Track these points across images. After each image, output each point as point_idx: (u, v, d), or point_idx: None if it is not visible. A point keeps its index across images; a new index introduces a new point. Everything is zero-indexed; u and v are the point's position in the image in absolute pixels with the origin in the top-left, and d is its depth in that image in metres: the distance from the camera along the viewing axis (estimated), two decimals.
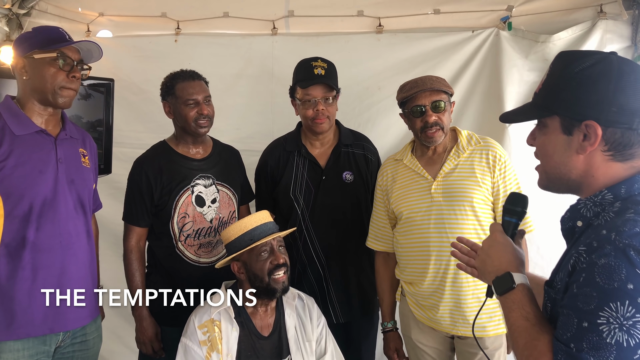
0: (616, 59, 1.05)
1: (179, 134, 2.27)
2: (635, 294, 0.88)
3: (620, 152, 1.04)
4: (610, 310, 0.89)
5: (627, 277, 0.89)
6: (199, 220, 2.23)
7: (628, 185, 1.02)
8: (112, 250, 2.52)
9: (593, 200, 1.05)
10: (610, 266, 0.91)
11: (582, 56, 1.08)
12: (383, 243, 2.26)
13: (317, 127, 2.29)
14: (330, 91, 2.27)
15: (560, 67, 1.10)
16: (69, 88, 1.84)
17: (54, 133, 1.89)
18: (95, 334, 2.02)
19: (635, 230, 0.92)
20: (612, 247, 0.92)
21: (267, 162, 2.41)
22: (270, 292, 1.91)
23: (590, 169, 1.07)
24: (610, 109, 1.02)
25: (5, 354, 1.74)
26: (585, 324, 0.92)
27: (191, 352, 1.84)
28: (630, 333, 0.88)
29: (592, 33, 2.73)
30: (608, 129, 1.03)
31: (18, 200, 1.76)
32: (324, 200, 2.33)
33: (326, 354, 2.02)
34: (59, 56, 1.80)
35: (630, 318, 0.88)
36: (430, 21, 3.01)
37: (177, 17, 3.08)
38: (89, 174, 2.00)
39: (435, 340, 2.13)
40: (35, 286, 1.78)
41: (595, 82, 1.03)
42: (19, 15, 3.02)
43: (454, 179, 2.05)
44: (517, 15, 2.88)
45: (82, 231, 1.93)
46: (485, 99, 2.91)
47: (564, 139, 1.08)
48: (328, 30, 3.06)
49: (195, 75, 2.23)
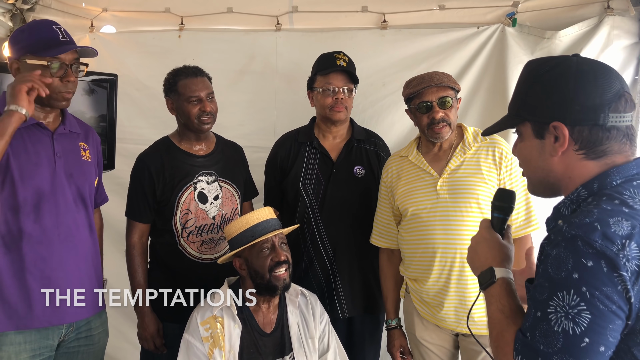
0: (575, 60, 1.08)
1: (182, 131, 2.26)
2: (579, 283, 0.91)
3: (591, 149, 1.05)
4: (558, 300, 0.93)
5: (573, 267, 0.92)
6: (202, 217, 2.22)
7: (600, 180, 1.04)
8: (115, 246, 2.52)
9: (570, 198, 1.08)
10: (559, 257, 0.95)
11: (544, 61, 1.12)
12: (387, 240, 2.25)
13: (334, 115, 2.29)
14: (351, 82, 2.29)
15: (525, 74, 1.14)
16: (66, 92, 1.82)
17: (52, 127, 1.88)
18: (101, 329, 2.01)
19: (584, 220, 0.95)
20: (562, 237, 0.96)
21: (277, 153, 2.42)
22: (271, 289, 1.90)
23: (566, 170, 1.08)
24: (574, 108, 1.04)
25: (6, 347, 1.74)
26: (538, 314, 0.96)
27: (193, 348, 1.84)
28: (576, 321, 0.91)
29: (598, 29, 2.70)
30: (575, 128, 1.05)
31: (12, 192, 1.75)
32: (333, 193, 2.32)
33: (329, 351, 2.01)
34: (51, 64, 1.77)
35: (575, 307, 0.91)
36: (435, 17, 2.99)
37: (181, 13, 3.07)
38: (89, 168, 1.99)
39: (440, 338, 2.12)
40: (33, 278, 1.77)
41: (556, 84, 1.06)
42: (23, 10, 3.01)
43: (459, 176, 2.03)
44: (522, 12, 2.85)
45: (84, 224, 1.93)
46: (491, 95, 2.89)
47: (537, 143, 1.11)
48: (332, 26, 3.05)
49: (198, 71, 2.22)
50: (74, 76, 1.83)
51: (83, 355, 1.95)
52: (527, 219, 2.03)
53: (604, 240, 0.91)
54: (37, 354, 1.80)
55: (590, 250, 0.91)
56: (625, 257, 0.90)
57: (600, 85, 1.03)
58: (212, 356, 1.82)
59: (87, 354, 1.96)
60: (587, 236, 0.92)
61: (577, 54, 1.11)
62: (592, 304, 0.90)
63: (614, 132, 1.04)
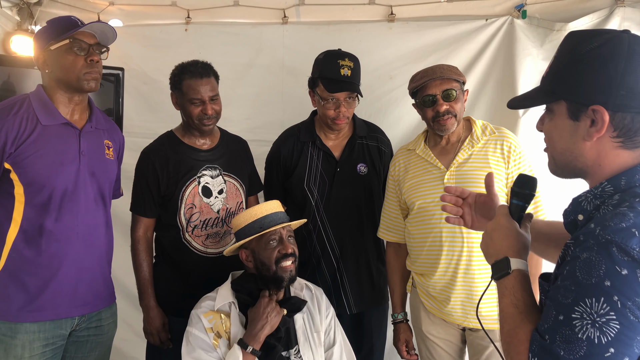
0: (628, 38, 0.98)
1: (186, 125, 2.26)
2: (612, 291, 0.86)
3: (630, 138, 0.98)
4: (585, 306, 0.88)
5: (605, 274, 0.86)
6: (206, 211, 2.22)
7: (629, 176, 0.98)
8: (123, 239, 2.52)
9: (593, 193, 1.01)
10: (591, 261, 0.89)
11: (591, 36, 1.01)
12: (394, 234, 2.24)
13: (336, 126, 2.27)
14: (354, 92, 2.24)
15: (568, 48, 1.04)
16: (92, 72, 1.84)
17: (80, 125, 1.91)
18: (111, 319, 2.05)
19: (620, 225, 0.88)
20: (595, 241, 0.89)
21: (280, 151, 2.39)
22: (277, 280, 1.89)
23: (597, 158, 1.02)
24: (619, 92, 0.96)
25: (20, 335, 1.79)
26: (561, 317, 0.91)
27: (198, 339, 1.82)
28: (603, 330, 0.86)
29: (609, 21, 2.67)
30: (617, 114, 0.97)
31: (38, 190, 1.80)
32: (338, 192, 2.31)
33: (335, 345, 2.01)
34: (73, 42, 1.81)
35: (604, 315, 0.86)
36: (443, 9, 2.97)
37: (187, 6, 3.07)
38: (111, 166, 2.02)
39: (446, 332, 2.11)
40: (51, 273, 1.82)
41: (603, 63, 0.97)
42: (30, 4, 3.02)
43: (467, 169, 2.02)
44: (532, 3, 2.83)
45: (101, 223, 1.97)
46: (499, 88, 2.87)
47: (570, 124, 1.03)
48: (339, 19, 3.03)
49: (204, 71, 2.16)
50: (97, 56, 1.86)
51: (92, 345, 1.98)
52: (534, 209, 2.00)
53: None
54: (50, 342, 1.84)
55: (626, 258, 0.86)
56: None
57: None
58: (217, 346, 1.82)
59: (95, 343, 1.99)
60: (624, 242, 0.86)
61: (628, 30, 1.01)
62: (622, 314, 0.85)
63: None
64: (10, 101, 1.85)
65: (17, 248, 1.81)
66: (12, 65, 2.71)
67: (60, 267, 1.84)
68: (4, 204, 1.82)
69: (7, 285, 1.80)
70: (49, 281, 1.82)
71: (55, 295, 1.83)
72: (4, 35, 2.96)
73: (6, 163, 1.76)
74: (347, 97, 2.22)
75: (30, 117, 1.80)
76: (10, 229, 1.81)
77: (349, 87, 2.21)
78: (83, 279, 1.90)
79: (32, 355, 1.80)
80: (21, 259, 1.81)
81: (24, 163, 1.77)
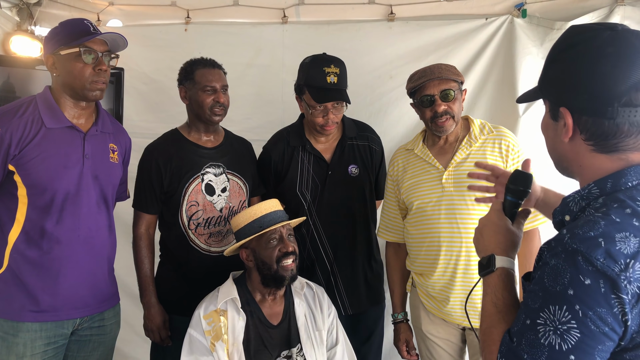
0: (607, 36, 0.94)
1: (192, 121, 2.27)
2: (574, 300, 0.86)
3: (600, 143, 0.96)
4: (549, 313, 0.88)
5: (569, 282, 0.87)
6: (209, 209, 2.22)
7: (615, 179, 0.95)
8: (124, 239, 2.52)
9: (580, 194, 1.00)
10: (557, 268, 0.89)
11: (576, 33, 0.99)
12: (394, 234, 2.24)
13: (325, 132, 2.25)
14: (342, 100, 2.20)
15: (555, 45, 1.02)
16: (98, 81, 1.85)
17: (85, 128, 1.92)
18: (113, 320, 2.06)
19: (588, 234, 0.88)
20: (562, 249, 0.90)
21: (270, 157, 2.36)
22: (279, 279, 1.90)
23: (576, 158, 1.01)
24: (582, 96, 0.94)
25: (22, 334, 1.80)
26: (528, 322, 0.92)
27: (196, 342, 1.85)
28: (564, 338, 0.87)
29: (609, 20, 2.65)
30: (582, 118, 0.96)
31: (41, 192, 1.81)
32: (330, 195, 2.30)
33: (337, 344, 2.01)
34: (83, 51, 1.81)
35: (565, 323, 0.87)
36: (443, 8, 2.97)
37: (187, 6, 3.07)
38: (115, 170, 2.03)
39: (447, 332, 2.11)
40: (51, 274, 1.83)
41: (572, 64, 0.96)
42: (30, 4, 3.02)
43: (465, 169, 2.01)
44: (531, 2, 2.83)
45: (104, 226, 1.98)
46: (499, 87, 2.87)
47: (552, 124, 1.04)
48: (339, 18, 3.03)
49: (215, 63, 2.25)
50: (105, 65, 1.87)
51: (94, 345, 1.99)
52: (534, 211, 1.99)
53: (607, 259, 0.84)
54: (51, 341, 1.85)
55: (590, 268, 0.85)
56: (627, 278, 0.84)
57: (617, 74, 0.91)
58: (214, 349, 1.82)
59: (98, 343, 2.00)
60: (589, 252, 0.86)
61: (623, 25, 0.97)
62: (583, 323, 0.85)
63: (625, 127, 0.93)
64: (17, 103, 1.86)
65: (19, 249, 1.82)
66: (11, 65, 2.72)
67: (61, 269, 1.84)
68: (7, 204, 1.83)
69: (10, 285, 1.81)
70: (49, 283, 1.83)
71: (56, 296, 1.84)
72: (4, 35, 2.96)
73: (10, 165, 1.78)
74: (334, 104, 2.19)
75: (36, 120, 1.81)
76: (12, 229, 1.82)
77: (336, 96, 2.18)
78: (84, 282, 1.90)
79: (34, 354, 1.81)
80: (23, 260, 1.82)
81: (27, 165, 1.78)
